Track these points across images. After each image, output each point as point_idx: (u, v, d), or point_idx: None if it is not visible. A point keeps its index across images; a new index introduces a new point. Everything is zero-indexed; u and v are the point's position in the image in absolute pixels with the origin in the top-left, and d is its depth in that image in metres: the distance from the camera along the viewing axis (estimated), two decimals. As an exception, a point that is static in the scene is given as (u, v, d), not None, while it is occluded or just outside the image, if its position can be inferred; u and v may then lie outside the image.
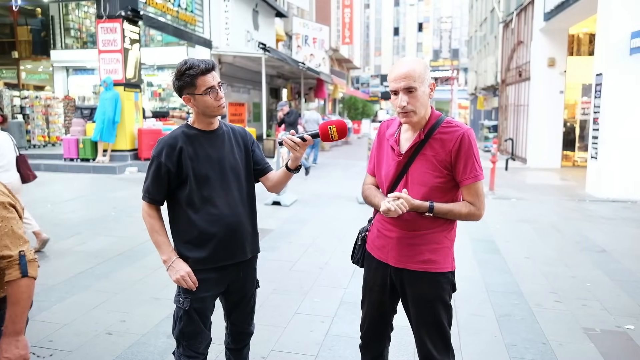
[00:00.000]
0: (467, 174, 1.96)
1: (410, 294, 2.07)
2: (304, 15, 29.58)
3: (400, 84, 1.92)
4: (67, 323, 3.49)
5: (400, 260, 2.05)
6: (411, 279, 2.05)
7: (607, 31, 9.27)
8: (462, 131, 1.97)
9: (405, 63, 1.95)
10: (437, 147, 1.97)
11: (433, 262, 2.02)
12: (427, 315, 2.06)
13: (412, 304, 2.08)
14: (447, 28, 73.41)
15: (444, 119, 2.02)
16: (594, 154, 9.68)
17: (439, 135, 1.98)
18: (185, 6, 14.93)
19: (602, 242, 5.89)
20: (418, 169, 2.00)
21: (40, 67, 18.89)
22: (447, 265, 2.05)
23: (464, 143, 1.95)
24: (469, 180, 1.97)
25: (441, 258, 2.03)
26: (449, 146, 1.96)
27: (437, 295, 2.04)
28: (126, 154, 11.96)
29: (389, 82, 1.98)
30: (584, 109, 14.46)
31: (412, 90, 1.91)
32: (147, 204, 2.13)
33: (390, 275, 2.10)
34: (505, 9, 20.97)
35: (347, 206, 7.89)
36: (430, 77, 1.99)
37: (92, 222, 6.59)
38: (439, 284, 2.04)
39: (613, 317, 3.75)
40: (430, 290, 2.04)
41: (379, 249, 2.13)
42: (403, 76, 1.91)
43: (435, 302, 2.04)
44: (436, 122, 2.00)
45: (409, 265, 2.04)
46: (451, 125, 1.99)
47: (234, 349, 2.40)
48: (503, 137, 19.06)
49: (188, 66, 2.03)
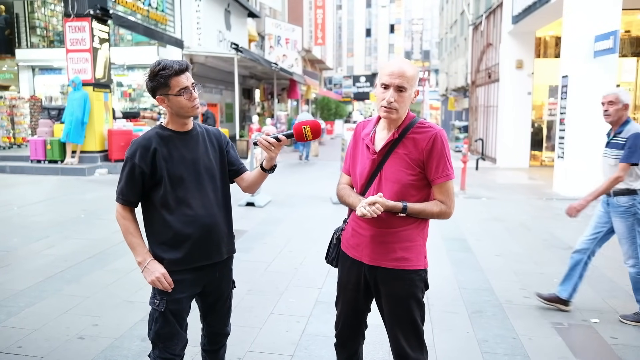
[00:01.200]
0: (439, 173, 2.02)
1: (384, 291, 2.10)
2: (277, 15, 29.52)
3: (394, 80, 1.97)
4: (37, 328, 3.41)
5: (374, 258, 2.08)
6: (385, 276, 2.08)
7: (572, 34, 9.56)
8: (435, 132, 2.03)
9: (404, 62, 2.03)
10: (410, 146, 2.03)
11: (406, 260, 2.05)
12: (400, 313, 2.09)
13: (385, 302, 2.11)
14: (418, 30, 74.40)
15: (418, 120, 2.09)
16: (560, 154, 9.96)
17: (412, 135, 2.04)
18: (156, 5, 14.71)
19: (569, 240, 6.07)
20: (392, 166, 2.05)
21: (4, 66, 18.31)
22: (420, 263, 2.09)
23: (437, 143, 2.01)
24: (441, 179, 2.02)
25: (414, 256, 2.07)
26: (422, 145, 2.02)
27: (411, 293, 2.07)
28: (96, 155, 11.71)
29: (381, 75, 2.02)
30: (551, 109, 14.85)
31: (402, 90, 1.98)
32: (121, 205, 2.11)
33: (364, 274, 2.13)
34: (474, 11, 21.37)
35: (321, 206, 7.92)
36: (417, 83, 2.07)
37: (61, 225, 6.44)
38: (412, 282, 2.07)
39: (579, 311, 3.88)
40: (404, 288, 2.07)
41: (354, 248, 2.15)
42: (399, 74, 1.97)
43: (409, 300, 2.07)
44: (410, 123, 2.07)
45: (383, 263, 2.07)
46: (424, 126, 2.06)
47: (210, 350, 2.39)
48: (473, 137, 19.41)
49: (162, 67, 2.01)
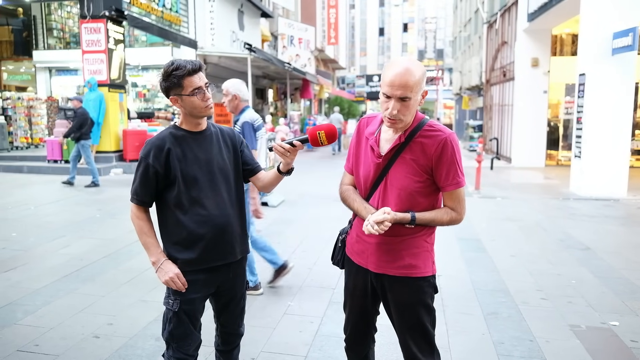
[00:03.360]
0: (450, 180, 1.92)
1: (392, 298, 2.04)
2: (289, 15, 29.56)
3: (396, 92, 1.82)
4: (53, 327, 3.44)
5: (380, 265, 2.01)
6: (392, 284, 2.02)
7: (590, 31, 9.41)
8: (445, 136, 1.90)
9: (405, 69, 1.82)
10: (418, 151, 1.92)
11: (414, 267, 1.98)
12: (409, 319, 2.02)
13: (394, 309, 2.05)
14: (431, 28, 73.90)
15: (427, 121, 1.96)
16: (577, 153, 9.82)
17: (420, 139, 1.92)
18: (170, 6, 14.81)
19: (585, 240, 5.98)
20: (398, 172, 1.94)
21: (22, 68, 18.60)
22: (428, 270, 2.01)
23: (446, 149, 1.89)
24: (451, 187, 1.93)
25: (421, 262, 2.00)
26: (430, 151, 1.90)
27: (419, 300, 2.01)
28: (111, 155, 11.84)
29: (383, 82, 1.88)
30: (567, 108, 14.67)
31: (405, 100, 1.84)
32: (135, 205, 2.11)
33: (370, 280, 2.08)
34: (489, 9, 21.18)
35: (334, 206, 7.88)
36: (424, 84, 1.91)
37: (77, 224, 6.50)
38: (421, 288, 2.00)
39: (598, 313, 3.80)
40: (412, 294, 2.00)
41: (358, 254, 2.09)
42: (401, 84, 1.81)
43: (417, 306, 2.01)
44: (418, 125, 1.94)
45: (389, 270, 2.00)
46: (433, 129, 1.93)
47: (224, 350, 2.39)
48: (488, 136, 19.24)
49: (175, 67, 2.01)
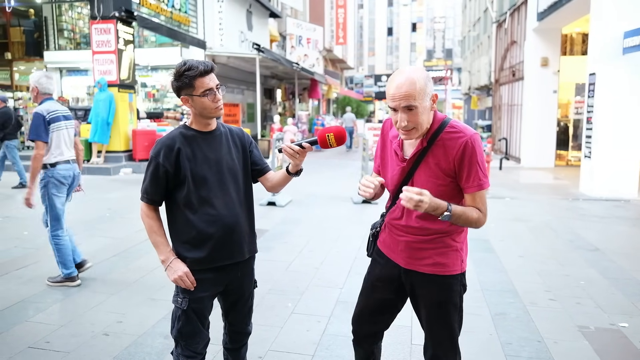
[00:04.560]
0: (471, 182, 1.89)
1: (420, 295, 2.06)
2: (298, 15, 29.59)
3: (400, 103, 1.81)
4: (64, 324, 3.48)
5: (410, 262, 2.03)
6: (421, 280, 2.03)
7: (600, 31, 9.34)
8: (466, 138, 1.87)
9: (405, 78, 1.81)
10: (440, 154, 1.90)
11: (443, 265, 1.99)
12: (437, 317, 2.04)
13: (422, 306, 2.07)
14: (440, 28, 73.65)
15: (449, 122, 1.93)
16: (587, 153, 9.75)
17: (442, 142, 1.90)
18: (179, 7, 14.89)
19: (595, 241, 5.94)
20: (422, 176, 1.95)
21: (33, 68, 18.75)
22: (457, 268, 2.01)
23: (467, 150, 1.86)
24: (473, 189, 1.90)
25: (450, 261, 2.00)
26: (452, 153, 1.88)
27: (448, 298, 2.02)
28: (120, 155, 11.92)
29: (387, 97, 1.87)
30: (577, 108, 14.56)
31: (412, 109, 1.81)
32: (145, 204, 2.14)
33: (399, 275, 2.09)
34: (498, 9, 21.07)
35: (341, 206, 7.90)
36: (432, 87, 1.88)
37: (87, 223, 6.57)
38: (450, 287, 2.02)
39: (607, 315, 3.78)
40: (441, 292, 2.02)
41: (389, 248, 2.11)
42: (402, 95, 1.80)
43: (446, 304, 2.03)
44: (440, 127, 1.91)
45: (419, 267, 2.02)
46: (455, 130, 1.90)
47: (231, 348, 2.41)
48: (497, 136, 19.14)
49: (187, 67, 2.03)
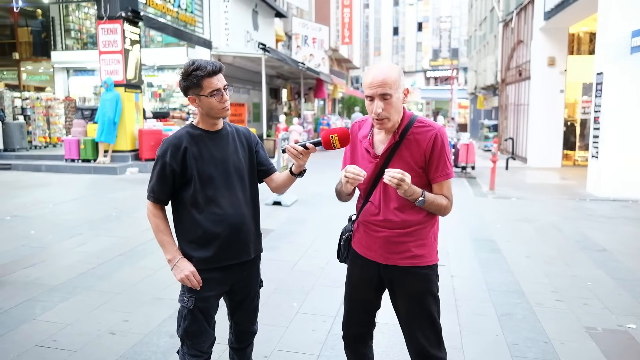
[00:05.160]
0: (440, 172, 2.03)
1: (400, 289, 2.12)
2: (303, 15, 29.60)
3: (376, 90, 1.94)
4: (71, 323, 3.50)
5: (389, 257, 2.09)
6: (400, 274, 2.09)
7: (608, 30, 9.28)
8: (435, 131, 2.02)
9: (381, 69, 1.97)
10: (413, 147, 2.03)
11: (421, 257, 2.08)
12: (418, 309, 2.10)
13: (401, 300, 2.12)
14: (446, 27, 73.36)
15: (417, 118, 2.08)
16: (594, 153, 9.69)
17: (413, 136, 2.03)
18: (185, 7, 14.94)
19: (602, 241, 5.90)
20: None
21: (40, 68, 18.90)
22: (433, 258, 2.12)
23: (437, 143, 2.01)
24: (441, 178, 2.04)
25: (427, 252, 2.09)
26: (423, 146, 2.02)
27: (427, 289, 2.10)
28: (127, 154, 11.97)
29: (364, 87, 2.01)
30: (585, 108, 14.47)
31: (387, 97, 1.95)
32: (152, 203, 2.14)
33: (378, 272, 2.14)
34: (504, 8, 20.97)
35: (346, 206, 7.87)
36: (405, 82, 2.02)
37: (93, 222, 6.60)
38: (428, 277, 2.10)
39: (614, 316, 3.76)
40: (420, 284, 2.09)
41: (367, 248, 2.16)
42: (379, 83, 1.94)
43: (426, 295, 2.09)
44: (409, 123, 2.05)
45: (397, 261, 2.08)
46: (424, 125, 2.05)
47: (237, 348, 2.41)
48: (503, 136, 19.06)
49: (195, 67, 2.03)
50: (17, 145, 13.30)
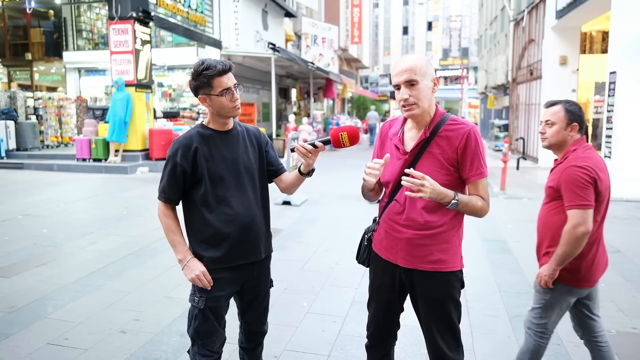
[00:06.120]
0: (474, 170, 1.98)
1: (421, 293, 2.07)
2: (313, 15, 29.60)
3: (401, 78, 1.93)
4: (82, 321, 3.52)
5: (410, 260, 2.04)
6: (422, 278, 2.05)
7: (621, 29, 9.16)
8: (468, 128, 1.98)
9: (407, 58, 1.96)
10: (444, 144, 1.98)
11: (443, 262, 2.02)
12: (438, 314, 2.06)
13: (422, 303, 2.08)
14: (456, 27, 72.97)
15: (449, 116, 2.03)
16: (607, 153, 9.57)
17: (445, 133, 1.98)
18: (195, 7, 15.00)
19: (616, 243, 5.83)
20: (425, 167, 1.97)
21: (52, 69, 19.08)
22: (457, 264, 2.06)
23: (471, 140, 1.96)
24: (476, 177, 1.98)
25: (450, 257, 2.03)
26: (455, 143, 1.97)
27: (448, 294, 2.05)
28: (137, 154, 12.05)
29: (392, 78, 2.00)
30: (597, 107, 14.30)
31: (413, 83, 1.92)
32: (163, 203, 2.15)
33: (399, 276, 2.10)
34: (516, 7, 20.81)
35: (356, 206, 7.87)
36: (434, 72, 1.98)
37: (104, 221, 6.64)
38: (450, 283, 2.04)
39: (629, 318, 3.71)
40: (441, 289, 2.04)
41: (387, 250, 2.11)
42: (404, 70, 1.92)
43: (447, 301, 2.05)
44: (441, 120, 2.01)
45: (419, 265, 2.03)
46: (457, 122, 2.01)
47: (247, 347, 2.41)
48: (514, 136, 18.92)
49: (205, 66, 2.03)
50: (29, 144, 13.44)
